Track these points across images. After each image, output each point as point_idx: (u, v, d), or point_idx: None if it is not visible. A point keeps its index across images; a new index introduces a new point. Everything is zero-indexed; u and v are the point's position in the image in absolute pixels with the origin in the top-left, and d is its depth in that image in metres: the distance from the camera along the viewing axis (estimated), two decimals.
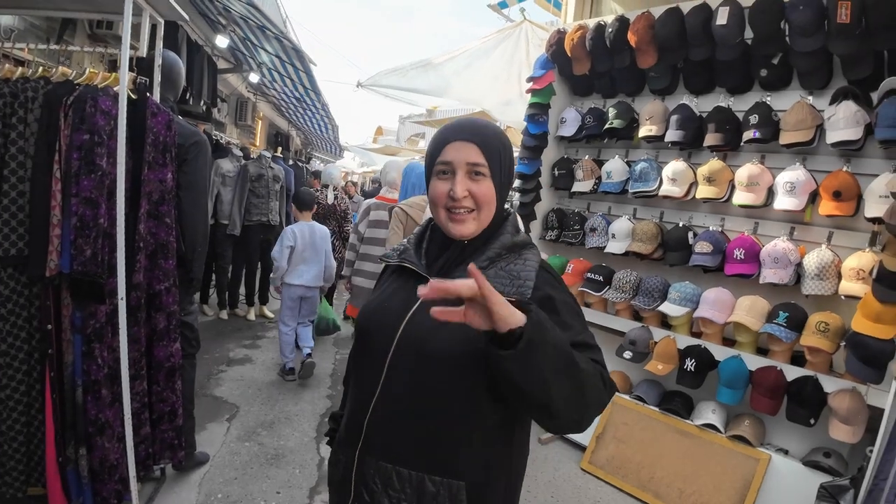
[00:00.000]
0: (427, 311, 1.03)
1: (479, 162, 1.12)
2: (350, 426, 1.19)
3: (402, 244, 1.30)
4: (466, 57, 6.15)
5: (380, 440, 1.11)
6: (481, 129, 1.16)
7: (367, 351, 1.20)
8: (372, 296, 1.31)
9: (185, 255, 2.52)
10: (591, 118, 3.82)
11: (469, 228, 1.14)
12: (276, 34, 6.05)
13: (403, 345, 1.11)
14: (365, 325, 1.23)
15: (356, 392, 1.21)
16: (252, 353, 5.04)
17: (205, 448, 3.15)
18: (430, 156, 1.18)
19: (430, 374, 1.08)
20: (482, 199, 1.13)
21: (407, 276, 1.21)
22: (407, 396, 1.10)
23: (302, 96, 9.22)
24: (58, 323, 2.17)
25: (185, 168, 2.49)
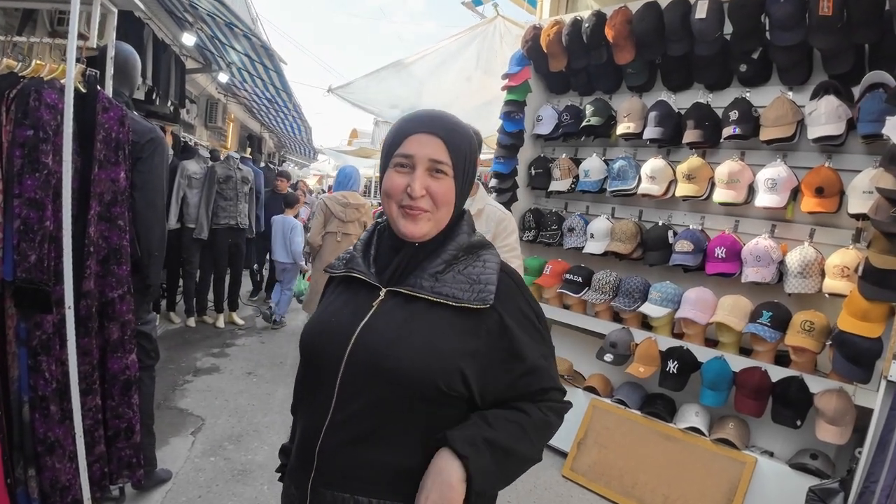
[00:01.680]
0: (381, 321, 1.00)
1: (443, 160, 1.02)
2: (301, 456, 1.07)
3: (347, 253, 1.19)
4: (439, 56, 6.05)
5: (334, 468, 1.01)
6: (449, 123, 1.06)
7: (315, 373, 1.09)
8: (316, 312, 1.18)
9: (141, 261, 2.35)
10: (567, 116, 3.74)
11: (422, 229, 1.03)
12: (244, 32, 5.87)
13: (355, 361, 1.00)
14: (310, 345, 1.11)
15: (306, 419, 1.09)
16: (220, 361, 4.84)
17: (167, 465, 2.97)
18: (390, 144, 1.07)
19: (387, 392, 0.98)
20: (441, 200, 1.03)
21: (356, 287, 1.10)
22: (362, 418, 0.99)
23: (273, 97, 9.03)
24: (1, 335, 2.00)
25: (139, 167, 2.32)
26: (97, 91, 2.14)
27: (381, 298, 1.04)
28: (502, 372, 1.03)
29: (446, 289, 1.01)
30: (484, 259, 1.07)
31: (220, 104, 10.48)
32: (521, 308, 1.07)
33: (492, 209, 2.60)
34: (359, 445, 0.99)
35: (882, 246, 2.33)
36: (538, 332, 1.08)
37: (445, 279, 1.02)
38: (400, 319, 1.00)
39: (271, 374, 4.66)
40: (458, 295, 1.00)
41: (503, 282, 1.05)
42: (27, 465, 2.06)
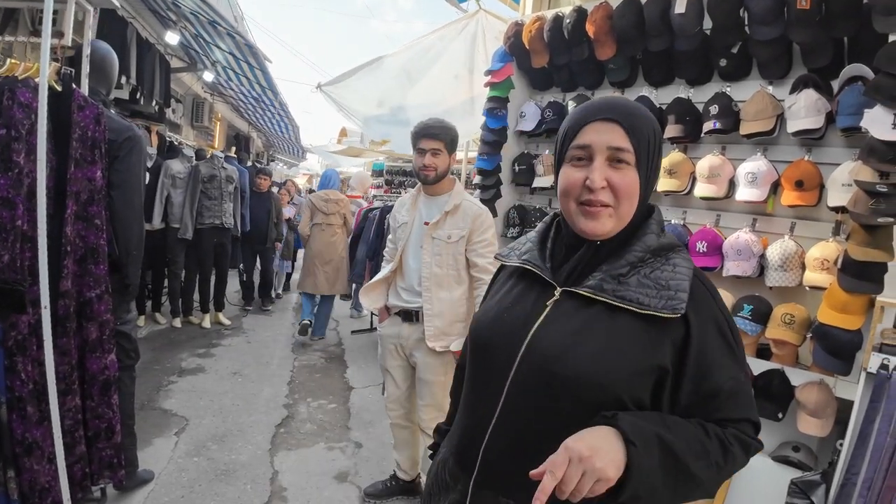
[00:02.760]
0: (557, 324, 0.94)
1: (624, 147, 0.94)
2: (462, 452, 1.05)
3: (524, 241, 1.13)
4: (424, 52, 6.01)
5: (499, 472, 0.97)
6: (629, 108, 0.98)
7: (484, 368, 1.04)
8: (487, 302, 1.15)
9: (119, 260, 2.33)
10: (550, 112, 3.73)
11: (605, 226, 0.95)
12: (228, 30, 5.84)
13: (528, 362, 0.95)
14: (482, 338, 1.06)
15: (469, 414, 1.07)
16: (205, 362, 4.81)
17: (150, 465, 2.95)
18: (564, 137, 1.00)
19: (560, 397, 0.92)
20: (623, 192, 0.94)
21: (530, 281, 1.05)
22: (531, 422, 0.94)
23: (260, 96, 8.98)
24: None
25: (117, 165, 2.30)
26: (72, 89, 2.12)
27: (557, 299, 0.98)
28: (686, 393, 0.93)
29: (630, 293, 0.92)
30: (674, 263, 0.96)
31: (207, 103, 10.41)
32: (716, 320, 0.96)
33: (468, 204, 2.60)
34: (525, 451, 0.93)
35: (861, 238, 2.34)
36: (732, 351, 0.97)
37: (630, 283, 0.94)
38: (577, 324, 0.94)
39: (257, 373, 4.64)
40: (643, 301, 0.91)
41: (696, 289, 0.94)
42: (6, 467, 2.04)
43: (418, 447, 2.90)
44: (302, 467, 3.18)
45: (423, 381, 2.64)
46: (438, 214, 2.56)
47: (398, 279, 2.69)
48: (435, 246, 2.55)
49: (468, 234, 2.54)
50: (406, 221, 2.67)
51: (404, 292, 2.65)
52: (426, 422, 2.68)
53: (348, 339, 5.99)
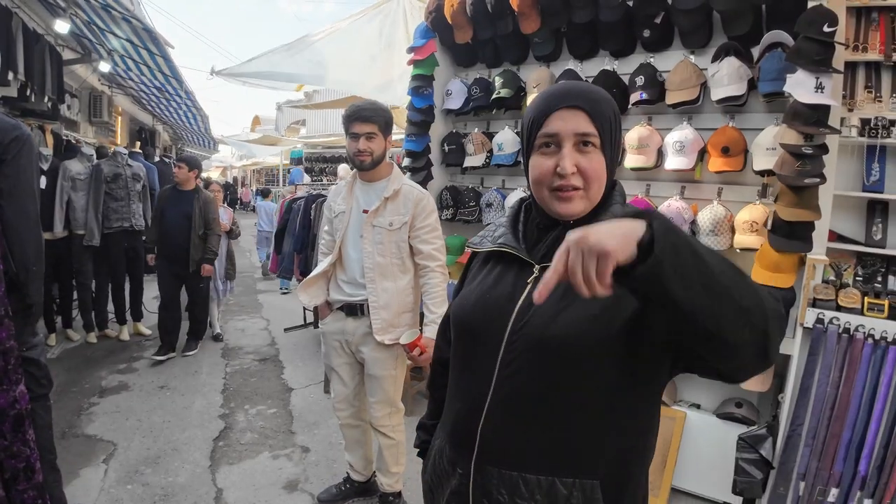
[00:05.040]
0: None
1: (590, 131, 0.99)
2: (458, 435, 1.08)
3: (494, 227, 1.18)
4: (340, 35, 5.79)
5: (499, 446, 1.01)
6: (590, 93, 1.03)
7: (472, 350, 1.09)
8: (466, 289, 1.18)
9: (17, 277, 2.05)
10: (477, 89, 3.66)
11: (577, 207, 1.01)
12: (123, 14, 5.36)
13: (518, 334, 1.00)
14: (467, 321, 1.11)
15: (461, 398, 1.10)
16: (128, 378, 4.45)
17: (79, 499, 2.73)
18: (531, 127, 1.04)
19: (553, 364, 0.97)
20: (592, 175, 1.00)
21: (507, 263, 1.10)
22: (526, 394, 0.99)
23: (163, 85, 8.40)
24: None
25: (4, 170, 2.00)
26: None
27: (536, 275, 1.03)
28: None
29: None
30: None
31: (105, 97, 9.64)
32: None
33: (408, 189, 2.48)
34: (523, 422, 0.99)
35: (789, 199, 2.42)
36: None
37: None
38: (558, 294, 0.95)
39: (185, 385, 4.35)
40: None
41: None
42: None
43: (371, 446, 2.80)
44: (247, 481, 3.00)
45: (373, 376, 2.53)
46: (377, 201, 2.43)
47: (338, 272, 2.55)
48: (376, 234, 2.43)
49: (410, 220, 2.43)
50: (343, 210, 2.52)
51: (346, 285, 2.52)
52: (378, 419, 2.58)
53: (281, 338, 5.73)
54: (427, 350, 2.28)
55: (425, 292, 2.47)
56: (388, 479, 2.69)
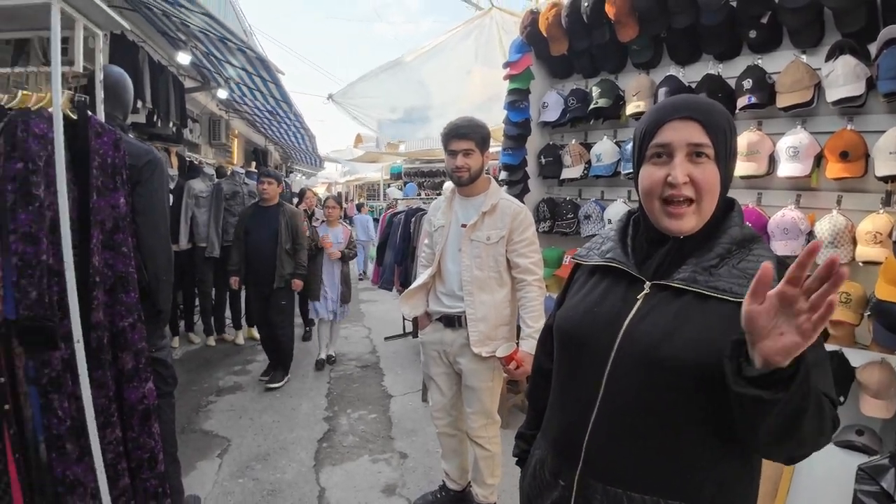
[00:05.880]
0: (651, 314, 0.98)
1: (703, 142, 0.97)
2: (562, 448, 1.09)
3: (601, 240, 1.18)
4: (437, 53, 5.94)
5: (604, 462, 1.01)
6: (704, 104, 1.02)
7: (577, 363, 1.09)
8: (570, 301, 1.18)
9: (149, 286, 2.29)
10: (574, 100, 3.63)
11: (688, 223, 1.00)
12: (238, 45, 5.82)
13: (626, 353, 0.99)
14: (573, 334, 1.11)
15: (565, 410, 1.11)
16: (242, 379, 4.81)
17: (195, 490, 2.93)
18: (642, 138, 1.04)
19: (660, 384, 0.95)
20: (704, 187, 0.98)
21: (615, 278, 1.09)
22: (634, 411, 0.98)
23: (274, 109, 8.98)
24: (10, 376, 1.94)
25: (139, 190, 2.26)
26: (88, 116, 2.08)
27: (647, 292, 1.02)
28: None
29: (723, 283, 0.96)
30: (757, 254, 1.00)
31: (223, 121, 10.47)
32: None
33: (506, 203, 2.50)
34: (630, 439, 0.98)
35: None
36: None
37: (721, 273, 0.97)
38: (671, 313, 0.97)
39: (294, 387, 4.62)
40: (735, 290, 0.94)
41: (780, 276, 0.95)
42: None
43: (467, 455, 2.82)
44: (348, 482, 3.13)
45: (470, 387, 2.57)
46: (475, 216, 2.48)
47: (437, 284, 2.62)
48: (474, 248, 2.48)
49: (508, 234, 2.45)
50: (443, 224, 2.60)
51: (445, 297, 2.58)
52: (475, 430, 2.60)
53: (382, 346, 5.94)
54: (523, 364, 2.28)
55: (522, 306, 2.48)
56: (483, 490, 2.70)
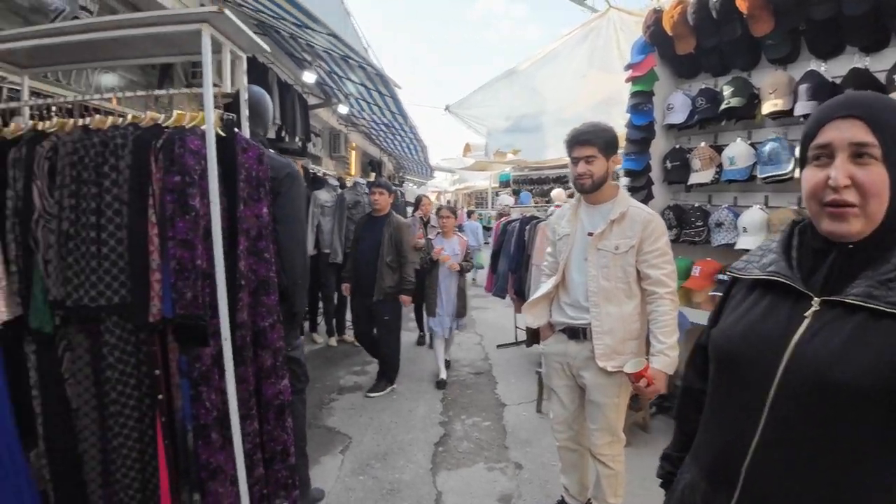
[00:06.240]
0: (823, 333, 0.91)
1: (867, 141, 0.89)
2: (717, 472, 1.03)
3: (761, 252, 1.12)
4: (551, 59, 5.89)
5: (765, 490, 0.95)
6: (869, 100, 0.94)
7: (735, 383, 1.02)
8: (727, 318, 1.11)
9: (287, 289, 2.45)
10: (703, 100, 3.43)
11: (853, 227, 0.91)
12: (359, 62, 6.11)
13: (795, 376, 0.92)
14: (731, 353, 1.04)
15: (721, 432, 1.04)
16: (361, 379, 5.01)
17: (319, 483, 3.07)
18: (804, 140, 1.00)
19: (837, 410, 0.87)
20: (870, 190, 0.89)
21: (779, 293, 1.01)
22: (803, 439, 0.91)
23: (390, 122, 9.33)
24: (165, 368, 2.14)
25: (279, 201, 2.43)
26: (235, 133, 2.26)
27: (816, 309, 0.95)
28: None
29: None
30: None
31: (342, 134, 11.04)
32: None
33: (636, 211, 2.38)
34: (794, 469, 0.92)
35: None
36: None
37: None
38: (845, 332, 0.90)
39: (411, 390, 4.74)
40: None
41: None
42: (192, 491, 2.17)
43: (588, 471, 2.72)
44: (465, 489, 3.14)
45: (594, 403, 2.46)
46: (603, 224, 2.38)
47: (561, 294, 2.54)
48: (601, 258, 2.38)
49: (638, 244, 2.33)
50: (568, 233, 2.52)
51: (569, 308, 2.49)
52: (598, 447, 2.48)
53: (494, 354, 5.94)
54: (654, 382, 2.17)
55: (653, 320, 2.34)
56: None
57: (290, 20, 4.84)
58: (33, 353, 2.22)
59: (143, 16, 2.24)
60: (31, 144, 2.19)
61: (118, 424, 2.15)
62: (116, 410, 2.15)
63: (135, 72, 5.26)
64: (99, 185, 2.08)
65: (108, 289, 2.06)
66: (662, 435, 3.65)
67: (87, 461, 2.27)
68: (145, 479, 2.20)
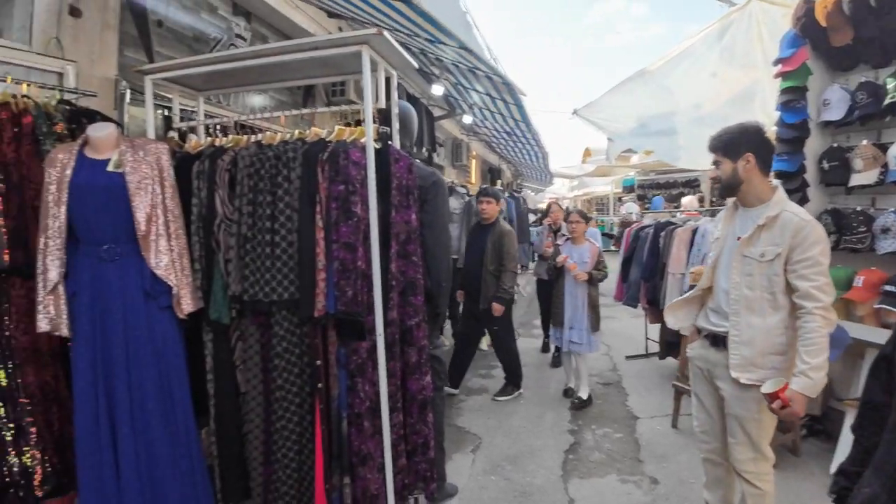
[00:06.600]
0: None
1: None
2: None
3: None
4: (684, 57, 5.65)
5: None
6: None
7: None
8: None
9: (432, 291, 2.60)
10: (863, 94, 3.16)
11: None
12: (486, 73, 6.23)
13: None
14: None
15: None
16: (487, 382, 5.10)
17: (452, 479, 3.18)
18: None
19: None
20: None
21: None
22: None
23: (512, 130, 9.40)
24: (325, 359, 2.34)
25: (426, 207, 2.60)
26: (389, 146, 2.45)
27: None
28: None
29: None
30: None
31: (464, 143, 11.30)
32: None
33: (789, 216, 2.19)
34: None
35: None
36: None
37: None
38: None
39: (538, 396, 4.75)
40: None
41: None
42: (343, 474, 2.35)
43: (733, 488, 2.55)
44: (597, 498, 3.11)
45: (733, 415, 2.32)
46: (752, 228, 2.25)
47: (708, 299, 2.45)
48: (746, 265, 2.25)
49: (786, 252, 2.16)
50: (719, 237, 2.44)
51: (712, 314, 2.40)
52: (740, 462, 2.33)
53: (623, 365, 5.78)
54: (790, 404, 2.00)
55: (800, 337, 2.13)
56: None
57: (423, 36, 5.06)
58: (210, 341, 2.53)
59: (310, 41, 2.49)
60: (213, 158, 2.51)
61: (281, 409, 2.39)
62: (281, 396, 2.39)
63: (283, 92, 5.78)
64: (273, 193, 2.34)
65: (279, 285, 2.31)
66: (813, 459, 3.38)
67: (251, 441, 2.54)
68: (301, 460, 2.43)
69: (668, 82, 5.79)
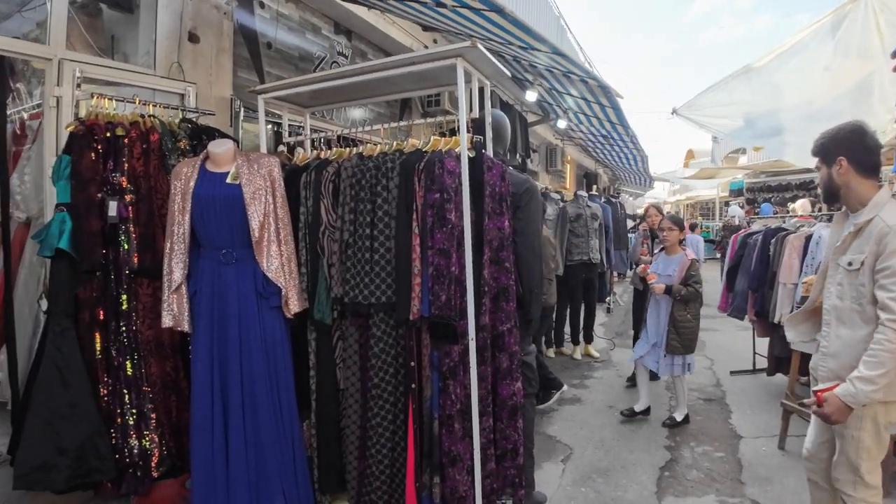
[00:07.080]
0: None
1: None
2: None
3: None
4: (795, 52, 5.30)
5: None
6: None
7: None
8: None
9: (523, 297, 2.63)
10: None
11: None
12: (581, 76, 6.17)
13: None
14: None
15: None
16: (581, 392, 5.02)
17: (541, 488, 3.16)
18: None
19: None
20: None
21: None
22: None
23: (609, 133, 9.22)
24: (419, 361, 2.43)
25: (519, 214, 2.63)
26: (482, 154, 2.51)
27: None
28: None
29: None
30: None
31: (559, 148, 11.21)
32: None
33: (877, 222, 2.01)
34: None
35: None
36: None
37: None
38: None
39: None
40: None
41: None
42: (433, 474, 2.42)
43: None
44: None
45: (835, 431, 2.17)
46: (843, 235, 2.14)
47: None
48: (837, 274, 2.13)
49: (871, 260, 2.00)
50: (829, 244, 2.32)
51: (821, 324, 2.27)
52: (840, 483, 2.16)
53: (727, 381, 5.45)
54: (823, 405, 1.94)
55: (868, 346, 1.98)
56: None
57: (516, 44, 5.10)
58: (314, 339, 2.71)
59: (407, 56, 2.61)
60: (319, 170, 2.69)
61: (377, 406, 2.50)
62: (377, 394, 2.50)
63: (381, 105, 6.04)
64: (373, 202, 2.47)
65: (377, 289, 2.42)
66: None
67: (348, 435, 2.68)
68: (394, 457, 2.53)
69: (776, 78, 5.46)
